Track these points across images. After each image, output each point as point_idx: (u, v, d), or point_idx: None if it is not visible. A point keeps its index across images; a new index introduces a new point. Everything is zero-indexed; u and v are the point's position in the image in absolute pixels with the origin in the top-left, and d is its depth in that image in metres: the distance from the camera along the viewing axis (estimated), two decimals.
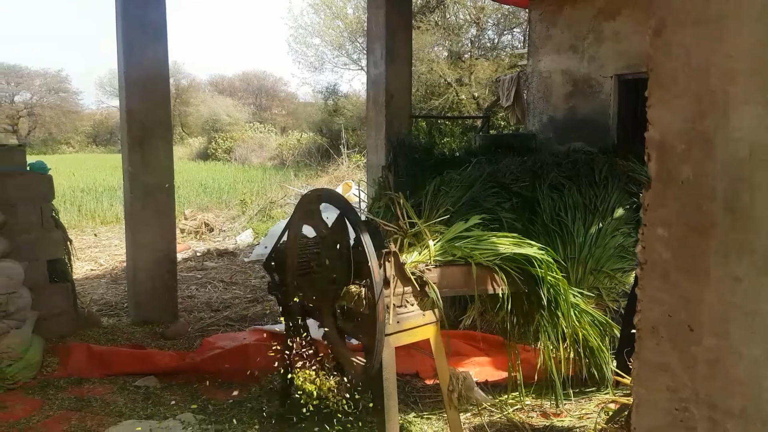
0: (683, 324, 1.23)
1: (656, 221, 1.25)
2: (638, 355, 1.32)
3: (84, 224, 11.68)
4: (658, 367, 1.28)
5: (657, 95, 1.23)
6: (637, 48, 6.42)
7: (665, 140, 1.23)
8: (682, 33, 1.17)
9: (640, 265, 1.29)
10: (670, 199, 1.23)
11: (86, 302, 5.75)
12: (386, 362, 2.50)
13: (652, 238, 1.26)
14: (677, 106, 1.20)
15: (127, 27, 4.85)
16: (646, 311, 1.29)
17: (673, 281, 1.24)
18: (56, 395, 3.80)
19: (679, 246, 1.22)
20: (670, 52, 1.20)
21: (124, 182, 5.16)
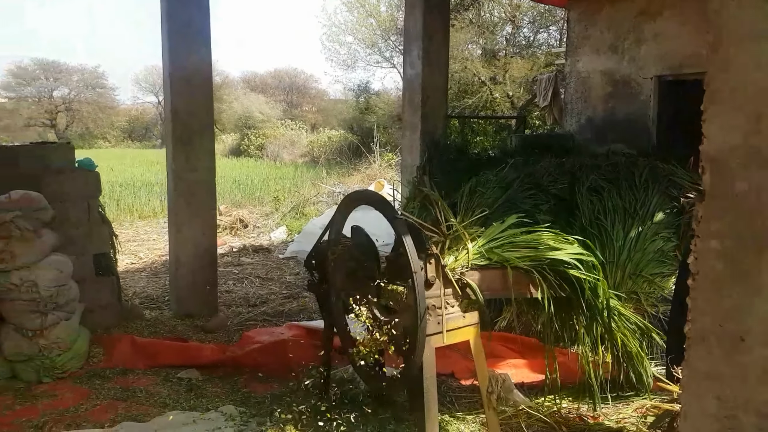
0: (734, 334, 1.25)
1: (709, 233, 1.28)
2: (688, 363, 1.35)
3: (122, 218, 11.96)
4: (708, 375, 1.31)
5: (713, 110, 1.26)
6: (678, 49, 6.33)
7: (720, 155, 1.25)
8: (739, 50, 1.19)
9: (693, 275, 1.32)
10: (724, 212, 1.25)
11: (129, 295, 5.93)
12: (427, 362, 2.56)
13: (704, 250, 1.29)
14: (733, 122, 1.22)
15: (172, 30, 4.98)
16: (697, 320, 1.32)
17: (726, 292, 1.26)
18: (103, 385, 3.95)
19: (732, 258, 1.24)
20: (728, 68, 1.22)
21: (168, 180, 5.31)
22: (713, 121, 1.26)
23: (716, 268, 1.27)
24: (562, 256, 3.09)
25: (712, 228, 1.28)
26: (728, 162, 1.24)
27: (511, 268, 2.94)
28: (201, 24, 5.06)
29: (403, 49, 7.13)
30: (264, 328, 4.91)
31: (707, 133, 1.28)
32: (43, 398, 3.75)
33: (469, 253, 2.91)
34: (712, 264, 1.28)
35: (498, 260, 2.98)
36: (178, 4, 4.98)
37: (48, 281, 4.06)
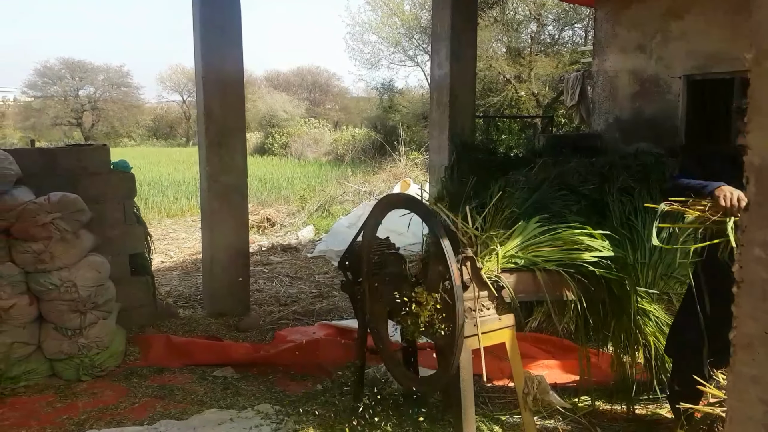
0: None
1: (754, 242, 1.30)
2: (733, 368, 1.38)
3: (151, 217, 12.07)
4: (753, 380, 1.33)
5: (756, 122, 1.28)
6: (706, 48, 6.26)
7: (764, 164, 1.27)
8: None
9: (737, 283, 1.34)
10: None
11: (162, 294, 6.06)
12: (463, 364, 2.60)
13: (749, 258, 1.31)
14: None
15: (205, 32, 5.07)
16: (742, 327, 1.34)
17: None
18: (140, 383, 4.04)
19: None
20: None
21: (201, 181, 5.42)
22: (757, 132, 1.29)
23: (762, 276, 1.29)
24: (588, 257, 3.10)
25: (756, 237, 1.30)
26: None
27: (543, 270, 2.97)
28: (234, 28, 5.14)
29: (430, 49, 7.15)
30: (295, 327, 4.99)
31: (751, 143, 1.30)
32: (83, 396, 3.85)
33: (498, 257, 2.93)
34: (757, 272, 1.30)
35: (528, 263, 3.01)
36: (212, 9, 5.06)
37: (87, 281, 4.15)
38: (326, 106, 40.60)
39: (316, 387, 3.92)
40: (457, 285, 2.55)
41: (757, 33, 1.27)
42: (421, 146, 15.96)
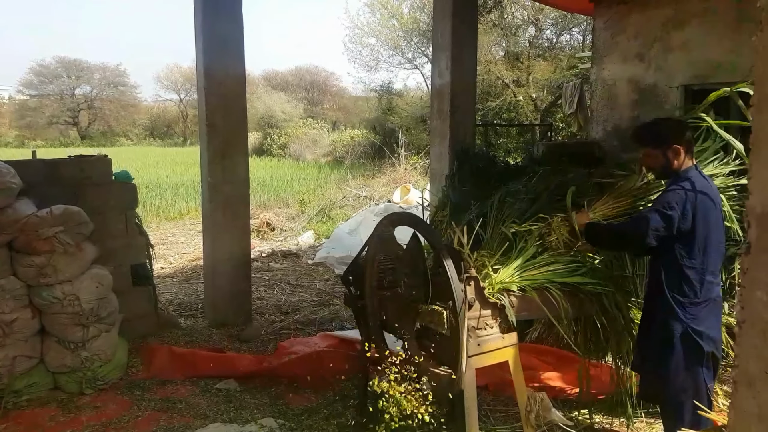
0: None
1: (755, 284, 1.34)
2: (735, 405, 1.41)
3: (149, 220, 12.06)
4: (756, 417, 1.37)
5: (758, 170, 1.31)
6: (705, 58, 6.29)
7: (765, 211, 1.31)
8: None
9: (738, 323, 1.38)
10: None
11: (163, 303, 6.07)
12: (468, 383, 2.63)
13: (751, 300, 1.35)
14: None
15: (207, 45, 5.08)
16: (743, 365, 1.38)
17: None
18: (143, 396, 4.05)
19: None
20: None
21: (202, 191, 5.44)
22: (759, 180, 1.32)
23: (764, 317, 1.33)
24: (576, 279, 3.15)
25: (757, 279, 1.33)
26: None
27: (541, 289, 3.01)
28: (236, 39, 5.16)
29: (431, 57, 7.18)
30: (298, 338, 5.01)
31: (752, 188, 1.34)
32: (87, 410, 3.86)
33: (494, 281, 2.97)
34: (759, 313, 1.33)
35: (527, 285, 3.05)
36: (214, 20, 5.07)
37: (89, 294, 4.16)
38: (324, 106, 40.57)
39: (320, 400, 3.94)
40: (460, 305, 2.58)
41: (760, 82, 1.30)
42: (420, 150, 15.99)
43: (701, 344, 2.78)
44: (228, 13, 5.13)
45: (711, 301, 2.82)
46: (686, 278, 2.79)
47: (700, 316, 2.80)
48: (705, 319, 2.80)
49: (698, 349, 2.79)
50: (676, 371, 2.80)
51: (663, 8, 6.63)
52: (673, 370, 2.81)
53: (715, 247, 2.83)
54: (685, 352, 2.79)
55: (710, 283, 2.81)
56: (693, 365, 2.79)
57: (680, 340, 2.80)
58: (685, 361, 2.79)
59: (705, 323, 2.80)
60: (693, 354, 2.79)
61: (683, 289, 2.80)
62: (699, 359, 2.79)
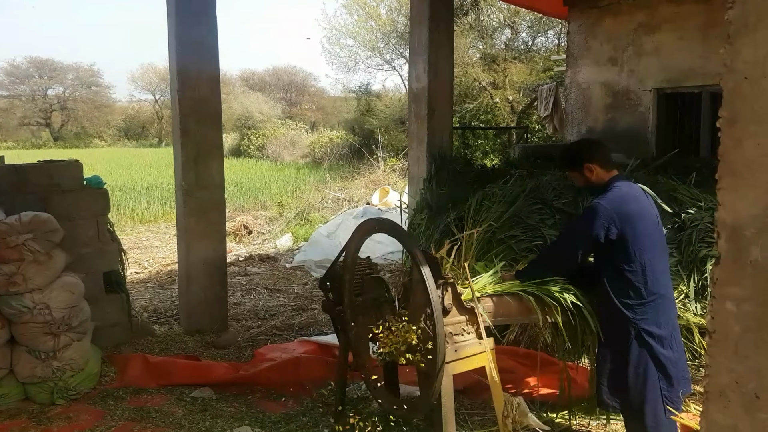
0: (751, 392, 1.33)
1: (726, 296, 1.35)
2: (706, 415, 1.43)
3: (123, 223, 11.90)
4: (726, 428, 1.38)
5: (728, 181, 1.33)
6: (677, 62, 6.42)
7: (735, 223, 1.32)
8: (756, 129, 1.27)
9: (709, 333, 1.39)
10: (740, 277, 1.32)
11: (137, 310, 5.96)
12: (445, 390, 2.63)
13: (721, 311, 1.36)
14: (749, 194, 1.29)
15: (180, 49, 5.01)
16: (714, 376, 1.39)
17: (742, 353, 1.33)
18: (117, 405, 3.95)
19: (748, 321, 1.32)
20: (742, 143, 1.30)
21: (177, 197, 5.36)
22: (728, 191, 1.34)
23: (733, 329, 1.34)
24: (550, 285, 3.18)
25: (728, 292, 1.35)
26: (744, 230, 1.31)
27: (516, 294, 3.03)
28: (210, 42, 5.10)
29: (408, 62, 7.19)
30: (275, 344, 4.96)
31: (722, 201, 1.35)
32: (58, 421, 3.75)
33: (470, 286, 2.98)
34: (728, 325, 1.35)
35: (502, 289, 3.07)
36: (188, 23, 5.01)
37: (60, 303, 4.07)
38: (303, 106, 40.40)
39: (297, 407, 3.90)
40: (437, 310, 2.58)
41: (730, 96, 1.32)
42: (399, 152, 16.00)
43: (653, 345, 2.83)
44: (202, 15, 5.06)
45: (658, 296, 2.87)
46: (629, 282, 2.85)
47: (649, 315, 2.85)
48: (654, 319, 2.85)
49: (650, 351, 2.83)
50: (635, 375, 2.84)
51: (635, 13, 6.75)
52: (631, 373, 2.85)
53: (654, 247, 2.89)
54: (641, 355, 2.84)
55: (656, 283, 2.86)
56: (649, 368, 2.84)
57: (635, 343, 2.85)
58: (642, 364, 2.84)
59: (655, 323, 2.85)
60: (648, 356, 2.84)
61: (628, 293, 2.86)
62: (653, 361, 2.84)
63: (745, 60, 1.28)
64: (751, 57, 1.27)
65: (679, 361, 2.93)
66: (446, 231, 5.48)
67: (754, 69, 1.26)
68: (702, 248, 4.35)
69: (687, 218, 4.59)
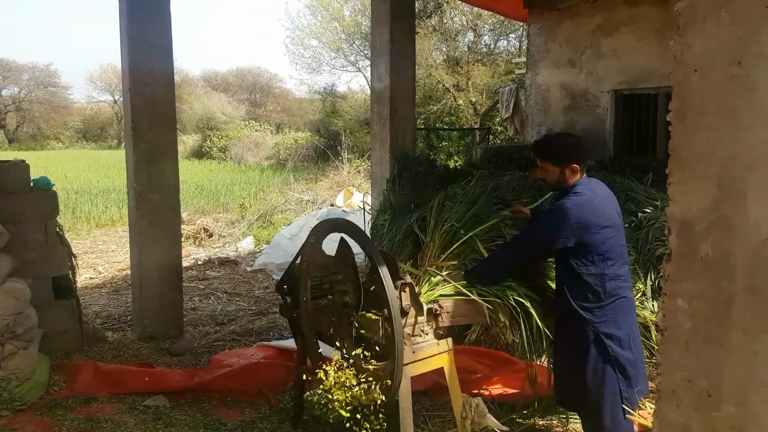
0: (702, 390, 1.31)
1: (677, 293, 1.33)
2: (659, 414, 1.40)
3: (79, 227, 11.62)
4: (679, 427, 1.36)
5: (678, 175, 1.31)
6: (634, 64, 6.53)
7: (686, 218, 1.30)
8: (704, 122, 1.25)
9: (660, 331, 1.37)
10: (691, 273, 1.30)
11: (90, 316, 5.77)
12: (403, 392, 2.57)
13: (672, 308, 1.34)
14: (698, 188, 1.27)
15: (132, 47, 4.86)
16: (666, 375, 1.37)
17: (694, 350, 1.31)
18: (65, 416, 3.81)
19: (699, 318, 1.30)
20: (692, 137, 1.27)
21: (129, 198, 5.20)
22: (678, 186, 1.31)
23: (684, 326, 1.32)
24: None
25: (679, 288, 1.33)
26: (694, 225, 1.29)
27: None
28: (163, 39, 4.95)
29: (370, 62, 7.15)
30: (233, 349, 4.84)
31: (673, 196, 1.33)
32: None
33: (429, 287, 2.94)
34: (680, 322, 1.33)
35: None
36: (140, 18, 4.86)
37: (5, 310, 3.92)
38: (268, 108, 40.01)
39: (255, 414, 3.81)
40: (395, 311, 2.52)
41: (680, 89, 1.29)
42: (364, 153, 15.96)
43: (611, 347, 2.80)
44: (154, 13, 4.92)
45: (618, 299, 2.84)
46: (587, 285, 2.82)
47: (607, 317, 2.82)
48: (613, 321, 2.83)
49: (608, 353, 2.81)
50: (593, 376, 2.82)
51: (593, 16, 6.84)
52: (590, 375, 2.82)
53: (615, 250, 2.86)
54: (599, 356, 2.81)
55: (615, 285, 2.84)
56: (607, 369, 2.81)
57: (594, 345, 2.82)
58: (601, 365, 2.81)
59: (613, 325, 2.83)
60: (606, 358, 2.81)
61: (587, 296, 2.83)
62: (611, 362, 2.81)
63: (694, 52, 1.26)
64: (700, 49, 1.25)
65: (638, 361, 2.92)
66: (409, 232, 5.46)
67: (704, 61, 1.24)
68: (658, 246, 4.40)
69: (643, 217, 4.65)
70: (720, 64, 1.22)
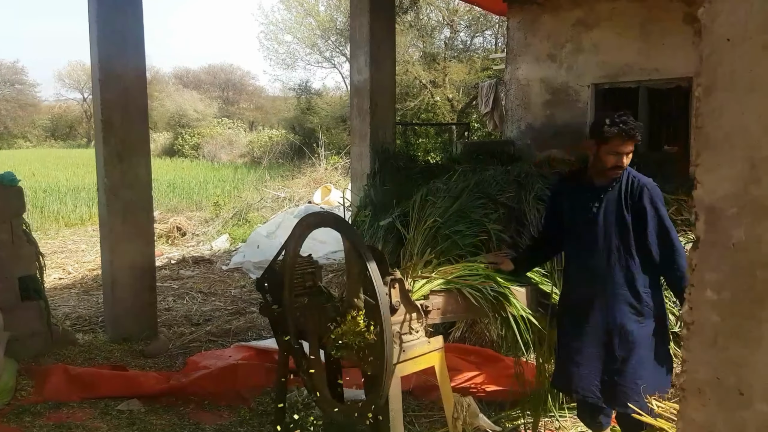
0: (732, 388, 1.21)
1: (705, 283, 1.23)
2: (682, 414, 1.31)
3: (47, 227, 11.36)
4: (704, 427, 1.27)
5: (706, 156, 1.21)
6: (614, 58, 6.52)
7: (714, 202, 1.21)
8: (735, 98, 1.15)
9: (686, 325, 1.28)
10: (720, 262, 1.21)
11: (59, 317, 5.55)
12: (393, 394, 2.46)
13: (699, 300, 1.24)
14: (728, 170, 1.18)
15: (103, 38, 4.68)
16: (691, 372, 1.27)
17: (722, 345, 1.22)
18: (33, 422, 3.64)
19: (729, 310, 1.21)
20: (722, 115, 1.18)
21: (99, 197, 4.99)
22: (707, 168, 1.22)
23: (712, 319, 1.23)
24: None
25: (707, 278, 1.23)
26: (724, 210, 1.20)
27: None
28: (135, 30, 4.77)
29: (349, 55, 7.02)
30: (210, 350, 4.68)
31: (700, 178, 1.23)
32: None
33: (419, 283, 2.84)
34: (707, 315, 1.23)
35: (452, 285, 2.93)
36: (111, 13, 4.68)
37: None
38: (241, 105, 39.63)
39: (234, 418, 3.67)
40: (384, 308, 2.40)
41: (708, 61, 1.19)
42: (341, 150, 15.82)
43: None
44: (125, 2, 4.73)
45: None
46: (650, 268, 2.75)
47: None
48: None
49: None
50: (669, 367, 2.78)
51: (573, 10, 6.81)
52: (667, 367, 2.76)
53: None
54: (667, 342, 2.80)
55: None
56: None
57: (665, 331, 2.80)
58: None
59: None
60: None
61: (655, 280, 2.76)
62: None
63: (725, 21, 1.16)
64: (732, 17, 1.15)
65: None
66: (390, 228, 5.36)
67: (736, 30, 1.15)
68: None
69: None
70: (754, 33, 1.12)
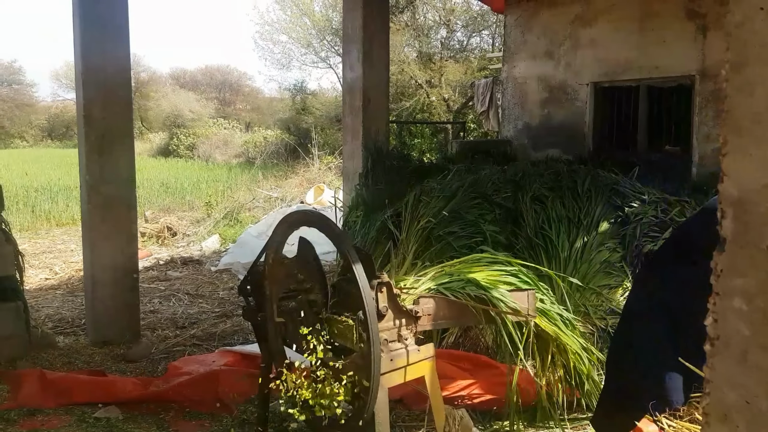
0: (765, 413, 1.04)
1: (733, 291, 1.06)
2: None
3: (38, 226, 11.16)
4: None
5: (735, 143, 1.04)
6: (613, 56, 6.37)
7: (745, 197, 1.04)
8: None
9: (710, 340, 1.11)
10: (751, 266, 1.04)
11: (40, 319, 5.36)
12: (380, 406, 2.29)
13: (726, 311, 1.07)
14: (761, 158, 1.01)
15: (85, 27, 4.51)
16: (717, 394, 1.10)
17: (754, 362, 1.05)
18: (6, 429, 3.47)
19: (762, 322, 1.03)
20: (753, 92, 1.01)
21: (81, 192, 4.81)
22: (736, 157, 1.05)
23: (741, 333, 1.06)
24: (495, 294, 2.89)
25: (735, 285, 1.06)
26: (757, 205, 1.02)
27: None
28: (118, 19, 4.59)
29: (341, 50, 6.85)
30: (193, 355, 4.50)
31: (728, 170, 1.07)
32: None
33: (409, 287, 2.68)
34: (736, 328, 1.07)
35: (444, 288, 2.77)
36: (94, 1, 4.50)
37: None
38: (237, 106, 39.53)
39: (215, 426, 3.49)
40: (371, 314, 2.23)
41: (737, 35, 1.02)
42: (335, 150, 15.68)
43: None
44: None
45: None
46: None
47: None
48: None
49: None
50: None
51: (571, 6, 6.66)
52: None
53: None
54: None
55: None
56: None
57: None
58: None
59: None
60: None
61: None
62: None
63: None
64: None
65: None
66: (383, 228, 5.20)
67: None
68: (647, 243, 4.22)
69: (630, 212, 4.46)
70: None
